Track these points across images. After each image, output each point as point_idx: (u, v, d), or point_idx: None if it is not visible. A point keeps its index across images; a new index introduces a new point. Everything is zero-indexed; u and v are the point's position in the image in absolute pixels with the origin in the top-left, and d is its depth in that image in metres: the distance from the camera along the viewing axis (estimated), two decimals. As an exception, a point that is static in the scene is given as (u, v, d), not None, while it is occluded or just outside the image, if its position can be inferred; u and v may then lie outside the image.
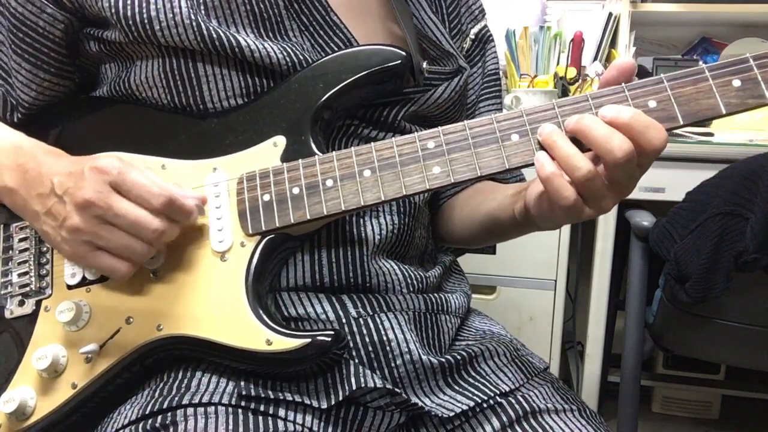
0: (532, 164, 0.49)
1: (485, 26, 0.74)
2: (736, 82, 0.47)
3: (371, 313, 0.56)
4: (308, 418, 0.51)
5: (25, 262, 0.58)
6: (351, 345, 0.54)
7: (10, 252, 0.59)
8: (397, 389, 0.53)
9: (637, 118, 0.46)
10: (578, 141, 0.48)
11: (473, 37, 0.72)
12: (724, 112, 0.47)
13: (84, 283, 0.55)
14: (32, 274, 0.57)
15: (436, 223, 0.74)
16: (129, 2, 0.53)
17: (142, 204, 0.48)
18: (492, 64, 0.74)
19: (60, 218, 0.49)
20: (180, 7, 0.53)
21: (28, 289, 0.57)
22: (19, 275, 0.57)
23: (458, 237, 0.73)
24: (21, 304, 0.57)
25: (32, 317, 0.56)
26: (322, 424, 0.52)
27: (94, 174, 0.48)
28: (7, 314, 0.57)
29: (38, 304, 0.56)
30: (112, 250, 0.49)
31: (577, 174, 0.46)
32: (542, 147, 0.48)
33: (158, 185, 0.49)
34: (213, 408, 0.49)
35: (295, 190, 0.52)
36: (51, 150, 0.54)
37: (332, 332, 0.49)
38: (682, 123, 0.47)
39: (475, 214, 0.68)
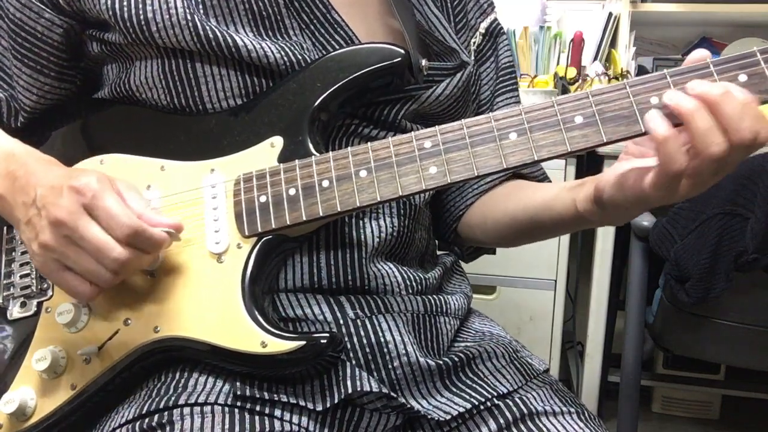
0: (530, 162, 0.48)
1: (495, 19, 0.73)
2: (742, 77, 0.45)
3: (369, 315, 0.56)
4: (304, 418, 0.51)
5: (27, 263, 0.58)
6: (348, 346, 0.54)
7: (13, 254, 0.59)
8: (393, 392, 0.53)
9: (753, 106, 0.43)
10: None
11: (483, 31, 0.71)
12: None
13: (83, 284, 0.55)
14: (33, 275, 0.57)
15: (466, 222, 0.72)
16: (126, 4, 0.53)
17: (109, 231, 0.47)
18: (505, 57, 0.73)
19: (35, 231, 0.49)
20: (176, 8, 0.53)
21: (29, 290, 0.57)
22: (21, 277, 0.57)
23: (495, 234, 0.70)
24: (23, 305, 0.57)
25: (34, 318, 0.56)
26: (318, 425, 0.52)
27: (70, 193, 0.47)
28: (10, 316, 0.57)
29: (39, 305, 0.56)
30: (77, 272, 0.48)
31: (712, 150, 0.43)
32: (666, 112, 0.44)
33: (127, 215, 0.47)
34: (209, 408, 0.49)
35: (292, 191, 0.51)
36: (43, 158, 0.53)
37: (327, 334, 0.49)
38: None
39: (522, 208, 0.65)
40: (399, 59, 0.55)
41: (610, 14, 1.60)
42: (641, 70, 1.69)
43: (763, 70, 0.45)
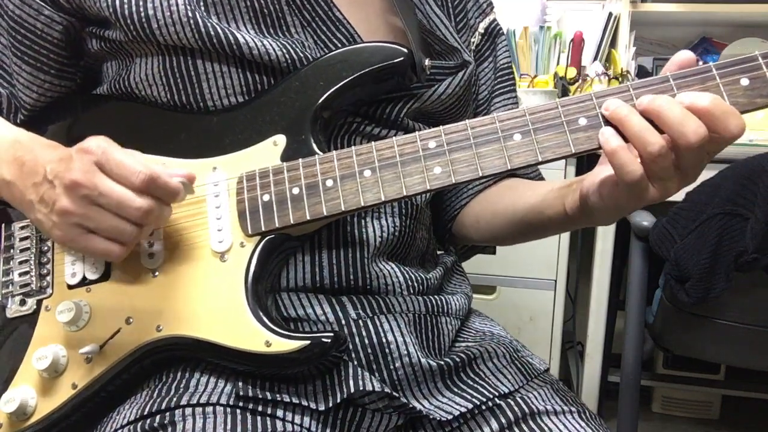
0: (534, 163, 0.48)
1: (494, 20, 0.73)
2: (744, 81, 0.46)
3: (371, 315, 0.55)
4: (306, 419, 0.51)
5: (26, 261, 0.57)
6: (350, 347, 0.54)
7: (12, 251, 0.59)
8: (395, 392, 0.53)
9: (717, 104, 0.44)
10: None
11: (482, 31, 0.71)
12: None
13: (84, 282, 0.55)
14: (33, 273, 0.57)
15: (461, 222, 0.73)
16: (126, 1, 0.53)
17: (125, 183, 0.48)
18: (504, 58, 0.73)
19: (51, 203, 0.49)
20: (177, 5, 0.53)
21: (29, 288, 0.57)
22: (20, 274, 0.57)
23: (488, 235, 0.71)
24: (22, 303, 0.57)
25: (33, 317, 0.56)
26: (320, 425, 0.51)
27: (80, 155, 0.48)
28: (9, 313, 0.57)
29: (39, 303, 0.56)
30: (102, 232, 0.49)
31: (649, 149, 0.45)
32: (607, 123, 0.47)
33: (141, 163, 0.48)
34: (211, 408, 0.49)
35: (295, 191, 0.51)
36: (48, 143, 0.54)
37: (331, 334, 0.49)
38: None
39: (512, 210, 0.66)
40: (402, 58, 0.54)
41: (610, 14, 1.60)
42: (641, 70, 1.69)
43: (764, 74, 0.45)
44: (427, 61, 0.58)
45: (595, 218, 0.55)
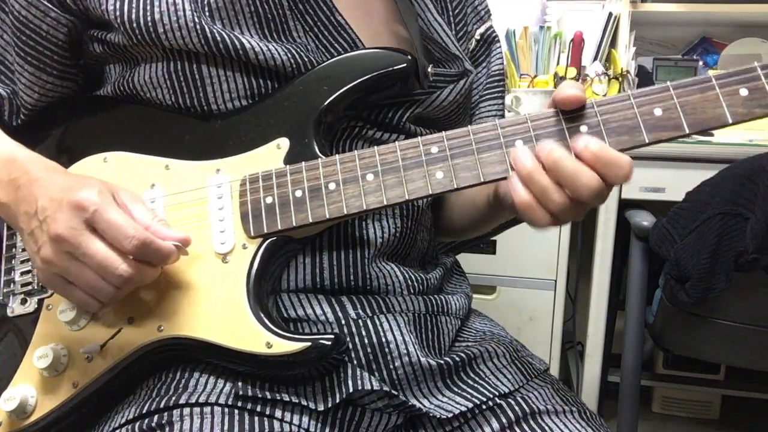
0: None
1: (491, 27, 0.73)
2: (744, 91, 0.46)
3: (371, 315, 0.56)
4: (305, 418, 0.51)
5: (27, 260, 0.58)
6: (350, 346, 0.54)
7: (14, 250, 0.59)
8: (394, 391, 0.53)
9: (604, 153, 0.46)
10: None
11: (478, 37, 0.72)
12: (730, 121, 0.46)
13: (86, 282, 0.55)
14: (34, 272, 0.57)
15: (438, 215, 0.74)
16: (134, 6, 0.53)
17: (115, 246, 0.46)
18: (497, 65, 0.74)
19: (38, 245, 0.48)
20: (183, 10, 0.53)
21: (30, 287, 0.57)
22: (22, 273, 0.57)
23: (456, 226, 0.73)
24: (23, 302, 0.57)
25: (34, 316, 0.56)
26: (319, 425, 0.52)
27: (70, 209, 0.46)
28: (10, 312, 0.57)
29: (40, 302, 0.56)
30: (81, 287, 0.48)
31: (550, 206, 0.47)
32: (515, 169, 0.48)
33: (134, 227, 0.46)
34: (209, 408, 0.49)
35: (298, 193, 0.52)
36: (44, 164, 0.52)
37: (332, 336, 0.49)
38: (687, 132, 0.47)
39: (462, 202, 0.69)
40: (405, 65, 0.55)
41: (610, 14, 1.60)
42: (641, 70, 1.69)
43: (763, 85, 0.46)
44: (430, 68, 0.59)
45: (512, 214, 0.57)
